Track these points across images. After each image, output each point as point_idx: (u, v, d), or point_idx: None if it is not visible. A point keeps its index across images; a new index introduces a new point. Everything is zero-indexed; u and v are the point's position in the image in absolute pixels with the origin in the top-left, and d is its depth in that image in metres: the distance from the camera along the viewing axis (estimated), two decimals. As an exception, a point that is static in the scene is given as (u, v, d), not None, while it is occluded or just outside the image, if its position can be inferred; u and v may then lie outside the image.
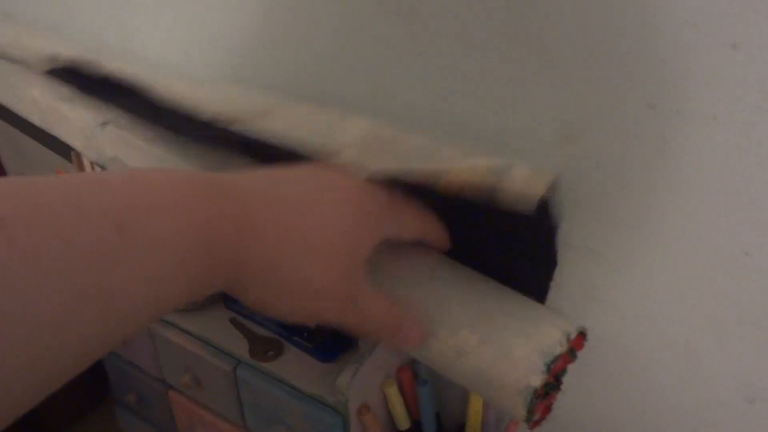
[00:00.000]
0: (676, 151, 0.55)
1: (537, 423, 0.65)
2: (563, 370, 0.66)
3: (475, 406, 0.80)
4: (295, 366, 0.81)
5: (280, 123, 0.65)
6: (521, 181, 0.48)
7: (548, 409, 0.68)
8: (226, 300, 0.90)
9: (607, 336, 0.69)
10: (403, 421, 0.84)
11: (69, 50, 0.81)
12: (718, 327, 0.62)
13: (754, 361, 0.62)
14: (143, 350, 0.94)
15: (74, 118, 0.82)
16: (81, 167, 0.98)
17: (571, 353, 0.67)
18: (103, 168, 0.88)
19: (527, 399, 0.59)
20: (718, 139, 0.53)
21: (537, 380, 0.59)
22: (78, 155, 0.99)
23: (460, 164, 0.49)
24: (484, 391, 0.62)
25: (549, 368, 0.59)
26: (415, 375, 0.83)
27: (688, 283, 0.62)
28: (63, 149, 1.05)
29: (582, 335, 0.65)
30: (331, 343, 0.82)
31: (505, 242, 0.60)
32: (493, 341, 0.61)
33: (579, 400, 0.76)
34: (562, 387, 0.67)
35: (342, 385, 0.74)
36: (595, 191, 0.62)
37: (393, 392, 0.81)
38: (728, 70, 0.50)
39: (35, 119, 0.87)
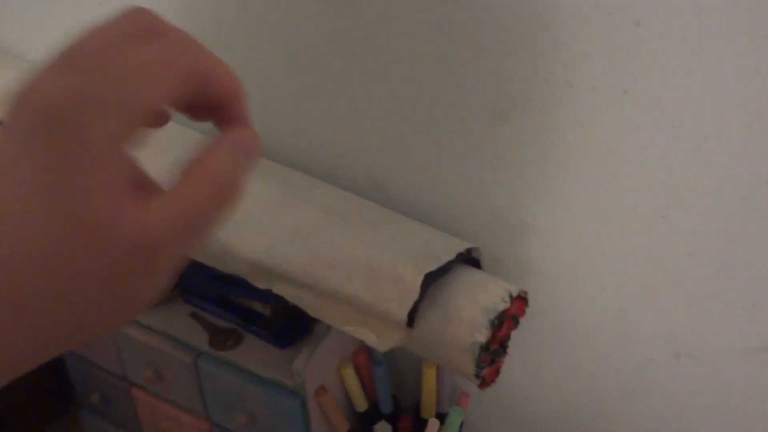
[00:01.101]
0: (593, 123, 0.59)
1: (486, 383, 0.69)
2: (507, 336, 0.71)
3: (429, 382, 0.83)
4: (254, 353, 0.84)
5: None
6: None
7: (496, 372, 0.72)
8: (184, 294, 0.93)
9: (547, 307, 0.74)
10: (361, 403, 0.87)
11: None
12: (646, 289, 0.67)
13: (678, 319, 0.66)
14: (105, 349, 0.96)
15: None
16: None
17: (514, 320, 0.71)
18: None
19: (475, 355, 0.63)
20: (630, 111, 0.57)
21: (482, 336, 0.63)
22: None
23: None
24: (436, 354, 0.66)
25: (493, 324, 0.64)
26: (370, 357, 0.86)
27: (614, 249, 0.66)
28: None
29: (523, 300, 0.69)
30: (288, 330, 0.85)
31: None
32: (440, 304, 0.65)
33: (527, 371, 0.80)
34: (509, 353, 0.71)
35: (298, 367, 0.77)
36: (525, 166, 0.66)
37: (349, 374, 0.84)
38: (634, 45, 0.54)
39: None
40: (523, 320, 0.72)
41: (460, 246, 0.70)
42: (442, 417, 0.84)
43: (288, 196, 0.74)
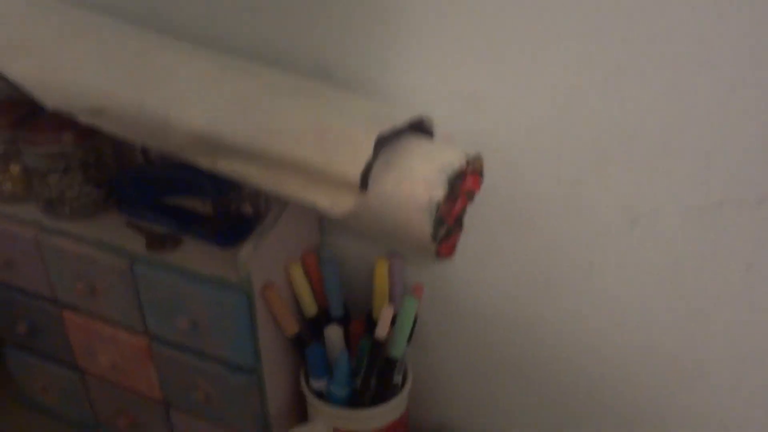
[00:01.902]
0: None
1: (443, 254, 0.67)
2: (463, 210, 0.69)
3: (381, 279, 0.81)
4: (195, 254, 0.79)
5: (113, 125, 0.68)
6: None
7: (452, 248, 0.70)
8: (119, 205, 0.87)
9: (500, 182, 0.72)
10: (310, 307, 0.84)
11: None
12: (600, 155, 0.66)
13: (633, 182, 0.66)
14: (31, 269, 0.89)
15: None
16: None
17: (469, 195, 0.69)
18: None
19: (432, 213, 0.61)
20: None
21: (439, 193, 0.61)
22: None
23: None
24: (391, 218, 0.63)
25: (450, 182, 0.61)
26: (318, 257, 0.83)
27: (567, 114, 0.65)
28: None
29: (478, 174, 0.67)
30: (231, 228, 0.81)
31: None
32: (396, 165, 0.63)
33: (479, 256, 0.78)
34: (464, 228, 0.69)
35: (243, 258, 0.73)
36: (475, 37, 0.64)
37: (298, 272, 0.80)
38: None
39: None
40: (477, 198, 0.70)
41: (412, 113, 0.67)
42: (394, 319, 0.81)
43: (228, 71, 0.70)
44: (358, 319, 0.87)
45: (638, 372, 0.76)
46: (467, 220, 0.72)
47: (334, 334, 0.82)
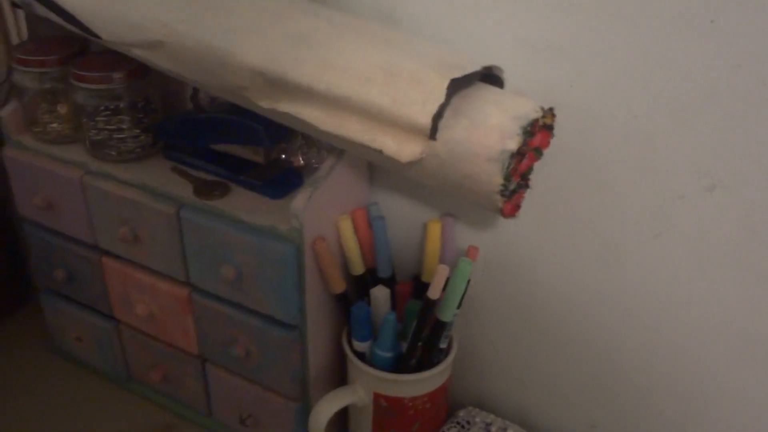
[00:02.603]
0: None
1: (507, 213, 0.64)
2: (530, 169, 0.65)
3: (433, 240, 0.78)
4: (244, 203, 0.76)
5: (169, 60, 0.65)
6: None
7: (516, 208, 0.66)
8: (166, 149, 0.85)
9: (569, 141, 0.69)
10: (357, 265, 0.81)
11: None
12: (679, 110, 0.62)
13: (714, 144, 0.62)
14: (73, 212, 0.87)
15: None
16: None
17: (537, 152, 0.66)
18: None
19: (504, 165, 0.58)
20: None
21: (513, 144, 0.58)
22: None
23: None
24: (460, 169, 0.60)
25: (525, 132, 0.58)
26: (369, 215, 0.80)
27: (647, 66, 0.61)
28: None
29: (549, 129, 0.64)
30: (282, 179, 0.78)
31: None
32: (467, 113, 0.59)
33: (545, 211, 0.75)
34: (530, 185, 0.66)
35: (297, 208, 0.70)
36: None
37: (347, 228, 0.78)
38: None
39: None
40: (544, 158, 0.67)
41: (484, 61, 0.64)
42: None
43: (291, 9, 0.67)
44: (405, 281, 0.84)
45: (702, 354, 0.72)
46: (533, 178, 0.68)
47: (381, 294, 0.79)
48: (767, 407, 0.72)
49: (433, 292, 0.71)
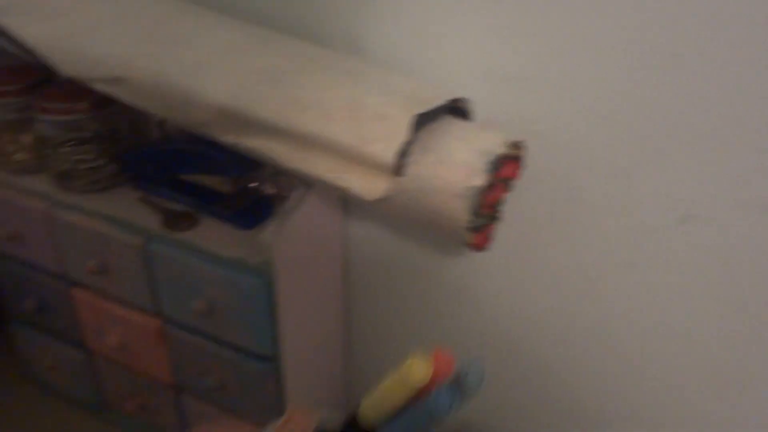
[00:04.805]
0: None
1: (477, 246, 0.63)
2: (500, 200, 0.65)
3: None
4: (213, 234, 0.75)
5: (131, 95, 0.64)
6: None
7: (486, 240, 0.66)
8: (133, 180, 0.83)
9: (542, 171, 0.68)
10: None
11: None
12: (654, 144, 0.62)
13: (687, 175, 0.62)
14: (41, 243, 0.86)
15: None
16: None
17: (506, 183, 0.65)
18: None
19: (471, 201, 0.57)
20: None
21: (479, 180, 0.57)
22: None
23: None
24: (427, 205, 0.59)
25: (491, 167, 0.57)
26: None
27: (621, 98, 0.61)
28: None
29: (517, 160, 0.63)
30: (252, 209, 0.77)
31: None
32: (434, 148, 0.59)
33: (517, 243, 0.74)
34: (501, 218, 0.65)
35: (266, 239, 0.69)
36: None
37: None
38: None
39: None
40: (515, 189, 0.66)
41: (449, 94, 0.63)
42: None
43: (254, 41, 0.66)
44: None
45: (679, 384, 0.72)
46: (505, 209, 0.68)
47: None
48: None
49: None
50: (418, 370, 0.42)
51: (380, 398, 0.44)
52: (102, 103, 0.78)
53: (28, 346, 1.01)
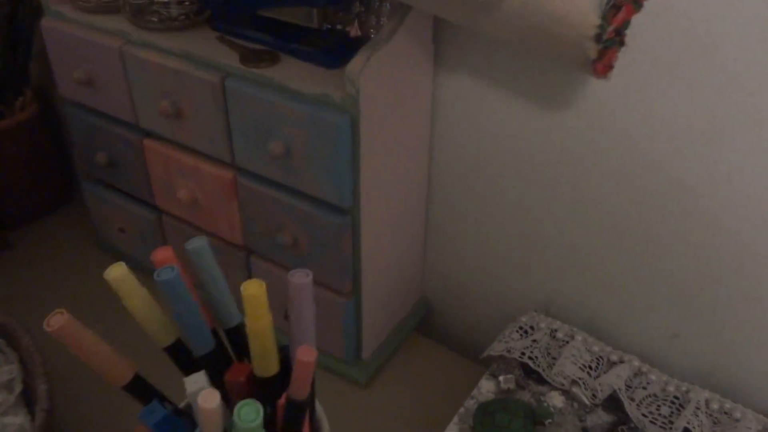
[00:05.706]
0: None
1: (601, 71, 0.55)
2: (626, 23, 0.56)
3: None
4: (295, 72, 0.69)
5: None
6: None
7: (609, 68, 0.57)
8: (212, 19, 0.78)
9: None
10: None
11: None
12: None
13: None
14: (114, 87, 0.81)
15: None
16: None
17: (636, 3, 0.56)
18: None
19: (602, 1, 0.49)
20: None
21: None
22: None
23: None
24: (546, 9, 0.51)
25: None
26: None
27: None
28: None
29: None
30: (336, 49, 0.70)
31: None
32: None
33: (640, 75, 0.66)
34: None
35: (353, 71, 0.63)
36: None
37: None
38: None
39: None
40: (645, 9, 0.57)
41: None
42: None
43: None
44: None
45: None
46: (629, 35, 0.59)
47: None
48: None
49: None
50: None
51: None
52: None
53: (99, 207, 0.99)
